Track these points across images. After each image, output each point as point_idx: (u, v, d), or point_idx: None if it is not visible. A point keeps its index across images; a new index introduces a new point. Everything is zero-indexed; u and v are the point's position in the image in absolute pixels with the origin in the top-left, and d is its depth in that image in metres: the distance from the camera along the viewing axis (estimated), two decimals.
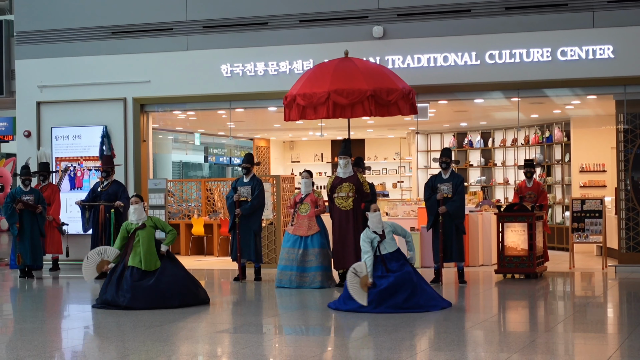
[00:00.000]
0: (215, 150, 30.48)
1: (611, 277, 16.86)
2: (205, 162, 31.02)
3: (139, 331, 11.28)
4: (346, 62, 16.90)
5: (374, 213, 13.07)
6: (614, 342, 10.48)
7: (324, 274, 15.55)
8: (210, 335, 11.18)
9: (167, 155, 29.92)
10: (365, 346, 10.12)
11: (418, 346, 9.95)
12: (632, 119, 17.73)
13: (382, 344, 10.14)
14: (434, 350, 9.72)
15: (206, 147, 29.88)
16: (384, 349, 9.86)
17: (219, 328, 11.76)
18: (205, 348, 10.42)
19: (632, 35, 17.39)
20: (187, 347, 10.40)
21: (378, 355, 9.54)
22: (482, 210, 19.79)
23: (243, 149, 31.35)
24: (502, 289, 15.56)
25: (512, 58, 17.97)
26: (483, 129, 26.66)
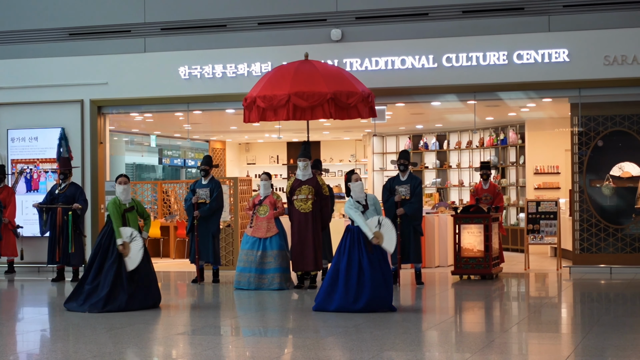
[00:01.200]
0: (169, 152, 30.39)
1: (565, 278, 17.06)
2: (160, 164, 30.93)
3: (99, 334, 11.26)
4: (307, 64, 16.96)
5: (356, 182, 13.05)
6: (570, 343, 10.61)
7: (283, 275, 15.60)
8: (169, 338, 11.18)
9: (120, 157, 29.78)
10: (325, 347, 10.17)
11: (377, 347, 10.01)
12: (586, 121, 17.96)
13: (342, 345, 10.21)
14: (393, 351, 9.79)
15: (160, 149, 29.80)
16: (344, 350, 9.93)
17: (178, 330, 11.75)
18: (164, 350, 10.41)
19: (587, 39, 17.60)
20: (148, 349, 10.40)
21: (337, 356, 9.60)
22: (438, 212, 19.94)
23: (198, 151, 31.31)
24: (458, 290, 15.70)
25: (468, 61, 18.12)
26: (438, 132, 26.84)
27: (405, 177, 16.16)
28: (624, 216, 17.87)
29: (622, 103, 17.87)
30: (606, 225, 17.83)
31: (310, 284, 15.76)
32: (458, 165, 26.38)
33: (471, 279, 16.88)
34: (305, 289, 15.60)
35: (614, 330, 11.15)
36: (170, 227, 22.07)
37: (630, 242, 17.73)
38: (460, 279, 16.91)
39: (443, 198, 25.48)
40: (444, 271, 18.32)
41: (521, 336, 11.15)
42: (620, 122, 17.85)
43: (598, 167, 17.97)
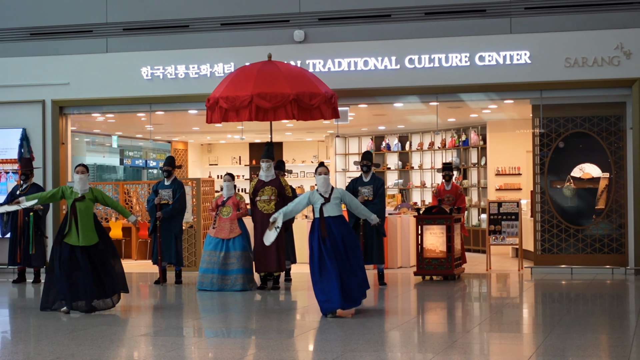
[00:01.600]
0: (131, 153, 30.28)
1: (527, 279, 17.18)
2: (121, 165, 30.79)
3: (61, 335, 11.20)
4: (269, 65, 16.96)
5: (319, 176, 12.96)
6: (531, 343, 10.67)
7: (246, 276, 15.60)
8: (132, 339, 11.14)
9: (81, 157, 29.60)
10: (288, 348, 10.18)
11: (340, 347, 10.04)
12: (548, 123, 18.09)
13: (305, 346, 10.22)
14: (356, 352, 9.81)
15: (122, 150, 29.68)
16: (307, 351, 9.94)
17: (141, 332, 11.72)
18: (127, 352, 10.37)
19: (548, 41, 17.74)
20: (111, 350, 10.35)
21: (301, 357, 9.61)
22: (400, 212, 20.01)
23: (160, 152, 31.20)
24: (421, 291, 15.76)
25: (431, 63, 18.20)
26: (401, 133, 26.92)
27: (368, 178, 16.20)
28: (584, 217, 18.02)
29: (582, 105, 18.02)
30: (567, 226, 17.97)
31: (274, 284, 15.75)
32: (420, 167, 26.48)
33: (433, 280, 16.95)
34: (268, 289, 15.60)
35: (575, 330, 11.24)
36: (132, 228, 21.99)
37: (591, 242, 17.88)
38: (422, 280, 16.98)
39: (405, 199, 25.58)
40: (407, 272, 18.38)
41: (483, 337, 11.21)
42: (581, 124, 17.99)
43: (559, 168, 18.11)
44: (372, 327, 11.58)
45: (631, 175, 17.52)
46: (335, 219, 12.72)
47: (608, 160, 17.86)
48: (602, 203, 17.93)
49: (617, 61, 17.47)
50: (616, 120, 17.86)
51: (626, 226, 17.67)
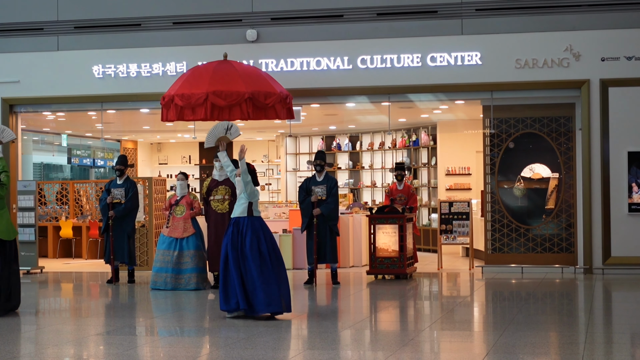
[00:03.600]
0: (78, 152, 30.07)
1: (478, 278, 17.34)
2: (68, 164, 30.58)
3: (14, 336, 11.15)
4: (225, 64, 16.98)
5: (238, 178, 12.99)
6: (483, 341, 10.77)
7: (199, 275, 15.60)
8: (85, 339, 11.09)
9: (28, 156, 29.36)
10: (243, 346, 10.21)
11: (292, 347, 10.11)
12: (498, 123, 18.27)
13: (258, 345, 10.25)
14: (310, 350, 9.87)
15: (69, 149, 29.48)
16: (261, 349, 9.97)
17: (94, 331, 11.66)
18: (79, 351, 10.32)
19: (499, 42, 17.92)
20: (63, 350, 10.31)
21: (255, 356, 9.64)
22: (352, 212, 20.10)
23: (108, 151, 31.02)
24: (373, 290, 15.85)
25: (383, 63, 18.31)
26: (351, 132, 27.02)
27: (322, 177, 16.26)
28: (534, 217, 18.23)
29: (532, 105, 18.23)
30: (517, 226, 18.16)
31: None
32: (371, 166, 26.60)
33: (386, 279, 17.05)
34: None
35: (526, 328, 11.38)
36: (83, 227, 21.87)
37: (541, 242, 18.08)
38: (375, 279, 17.07)
39: (357, 199, 25.68)
40: (359, 271, 18.47)
41: (436, 335, 11.31)
42: (531, 125, 18.20)
43: (509, 168, 18.31)
44: (327, 326, 11.63)
45: (580, 175, 17.75)
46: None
47: (558, 161, 18.08)
48: (552, 203, 18.15)
49: (567, 63, 17.70)
50: (566, 121, 18.09)
51: (575, 226, 17.90)
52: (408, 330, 11.79)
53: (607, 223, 17.51)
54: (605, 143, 17.55)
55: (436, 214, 19.70)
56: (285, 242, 18.73)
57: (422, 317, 13.07)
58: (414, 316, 13.34)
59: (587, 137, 17.61)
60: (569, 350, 9.85)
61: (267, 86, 16.66)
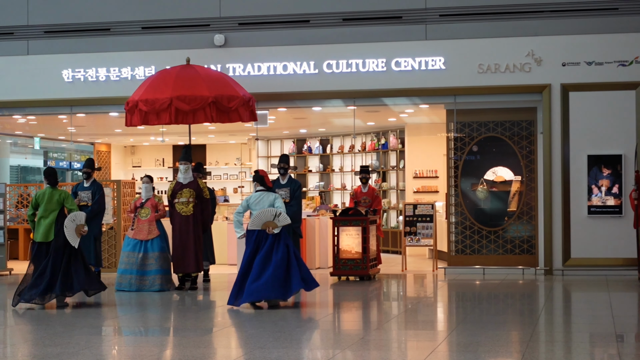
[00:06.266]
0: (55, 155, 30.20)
1: (441, 279, 17.60)
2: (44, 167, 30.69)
3: None
4: (189, 69, 17.18)
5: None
6: (443, 339, 10.99)
7: (164, 277, 15.80)
8: (49, 338, 11.20)
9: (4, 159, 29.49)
10: (201, 345, 10.40)
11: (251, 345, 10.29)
12: (461, 127, 18.55)
13: (218, 343, 10.46)
14: (265, 349, 10.06)
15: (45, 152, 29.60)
16: (219, 348, 10.18)
17: (58, 330, 11.81)
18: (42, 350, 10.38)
19: (462, 48, 18.21)
20: (25, 349, 10.46)
21: (212, 354, 9.85)
22: (319, 214, 20.34)
23: (83, 154, 31.16)
24: (336, 291, 16.07)
25: (349, 68, 18.56)
26: (322, 136, 27.26)
27: (285, 180, 16.51)
28: (497, 219, 18.52)
29: (495, 110, 18.51)
30: (480, 228, 18.44)
31: (191, 285, 15.96)
32: (341, 169, 26.83)
33: (349, 280, 17.29)
34: (186, 290, 15.82)
35: (487, 327, 11.64)
36: None
37: (503, 244, 18.37)
38: (339, 280, 17.31)
39: (324, 201, 25.92)
40: (324, 272, 18.68)
41: (395, 333, 11.53)
42: (494, 128, 18.48)
43: (473, 171, 18.60)
44: (284, 326, 11.85)
45: (541, 178, 18.04)
46: None
47: (519, 164, 18.38)
48: (514, 205, 18.44)
49: (528, 68, 18.00)
50: (527, 125, 18.38)
51: (536, 228, 18.19)
52: (365, 328, 12.01)
53: (567, 225, 17.81)
54: (565, 146, 17.86)
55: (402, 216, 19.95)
56: None
57: (381, 316, 13.30)
58: (373, 315, 13.57)
59: (548, 140, 17.90)
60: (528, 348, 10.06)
61: (230, 90, 16.89)
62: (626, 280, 16.83)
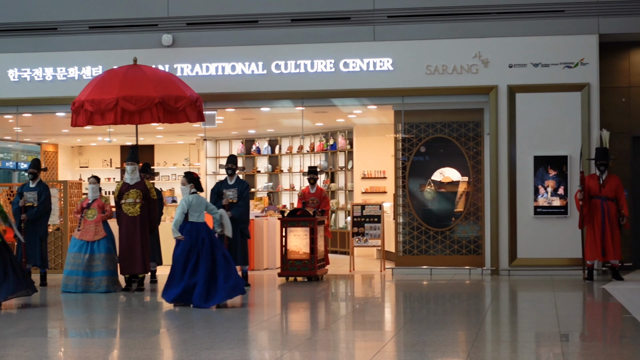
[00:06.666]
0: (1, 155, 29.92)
1: (388, 279, 17.67)
2: None
3: None
4: (135, 69, 17.10)
5: (183, 186, 13.96)
6: (390, 339, 11.03)
7: (110, 278, 15.72)
8: None
9: None
10: (146, 347, 10.36)
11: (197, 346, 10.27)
12: (409, 128, 18.64)
13: (163, 345, 10.44)
14: (211, 350, 10.06)
15: None
16: (165, 349, 10.16)
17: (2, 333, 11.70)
18: None
19: (410, 49, 18.29)
20: None
21: (157, 356, 9.82)
22: (267, 215, 20.34)
23: (30, 154, 30.89)
24: (284, 291, 16.09)
25: (297, 68, 18.58)
26: (270, 136, 27.25)
27: (233, 181, 16.51)
28: (444, 219, 18.62)
29: (442, 111, 18.61)
30: (427, 228, 18.54)
31: (138, 286, 15.90)
32: (289, 170, 26.84)
33: (297, 281, 17.31)
34: (132, 291, 15.75)
35: (433, 327, 11.70)
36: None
37: (450, 244, 18.48)
38: (286, 281, 17.32)
39: (272, 202, 25.92)
40: (273, 273, 18.70)
41: (343, 334, 11.56)
42: (441, 129, 18.59)
43: (420, 172, 18.69)
44: (230, 327, 11.85)
45: (488, 179, 18.17)
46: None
47: (467, 165, 18.50)
48: (461, 206, 18.56)
49: (476, 69, 18.12)
50: (474, 126, 18.50)
51: (483, 228, 18.32)
52: (312, 329, 12.03)
53: (514, 226, 17.95)
54: (512, 147, 18.00)
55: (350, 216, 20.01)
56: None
57: (330, 317, 13.34)
58: (322, 316, 13.59)
59: (495, 141, 18.03)
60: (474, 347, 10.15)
61: (177, 90, 16.84)
62: (571, 280, 17.00)
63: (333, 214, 24.26)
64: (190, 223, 13.78)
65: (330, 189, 24.80)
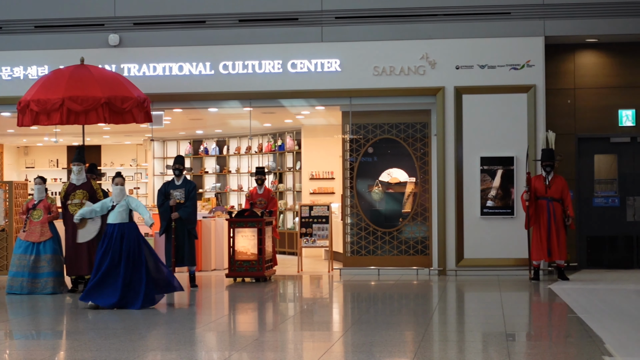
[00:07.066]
0: None
1: (336, 280, 17.70)
2: None
3: None
4: (82, 69, 16.98)
5: (116, 186, 13.78)
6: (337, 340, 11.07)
7: (56, 279, 15.61)
8: None
9: None
10: (92, 348, 10.29)
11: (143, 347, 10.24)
12: (357, 129, 18.69)
13: (109, 346, 10.37)
14: (158, 351, 10.04)
15: None
16: (110, 351, 10.09)
17: None
18: None
19: (357, 50, 18.33)
20: None
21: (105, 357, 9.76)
22: (215, 216, 20.29)
23: None
24: (232, 292, 16.07)
25: (245, 69, 18.55)
26: (218, 137, 27.20)
27: (180, 181, 16.47)
28: (392, 220, 18.68)
29: (390, 112, 18.66)
30: (375, 229, 18.59)
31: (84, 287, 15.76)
32: (237, 171, 26.81)
33: (245, 282, 17.29)
34: (79, 292, 15.63)
35: (381, 327, 11.74)
36: None
37: (398, 245, 18.55)
38: (234, 282, 17.30)
39: (220, 202, 25.87)
40: (220, 274, 18.66)
41: (291, 334, 11.58)
42: (389, 130, 18.65)
43: (368, 173, 18.74)
44: (177, 327, 11.82)
45: (435, 180, 18.26)
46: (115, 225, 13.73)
47: (414, 166, 18.57)
48: (409, 207, 18.63)
49: (423, 70, 18.21)
50: (422, 127, 18.59)
51: (430, 229, 18.41)
52: (259, 330, 12.03)
53: (461, 226, 18.06)
54: (459, 148, 18.10)
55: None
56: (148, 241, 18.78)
57: (278, 318, 13.34)
58: (270, 317, 13.60)
59: (442, 142, 18.12)
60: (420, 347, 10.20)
61: (124, 90, 16.74)
62: (517, 280, 17.13)
63: (281, 214, 24.26)
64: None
65: (278, 190, 24.80)
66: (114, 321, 12.31)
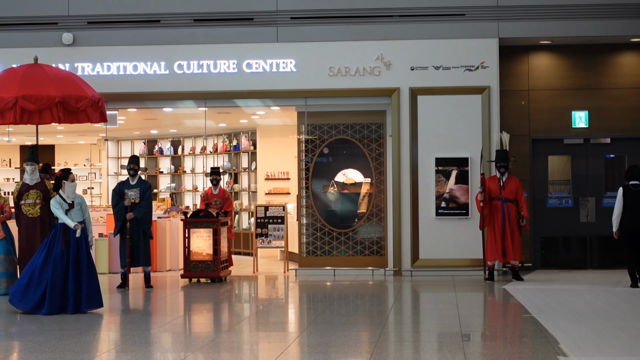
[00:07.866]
0: None
1: (292, 280, 17.70)
2: None
3: None
4: (36, 68, 16.82)
5: (71, 183, 13.61)
6: (293, 340, 11.08)
7: (10, 280, 15.45)
8: None
9: None
10: (45, 350, 10.22)
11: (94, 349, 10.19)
12: (312, 129, 18.69)
13: (63, 347, 10.30)
14: (112, 352, 9.99)
15: None
16: (64, 352, 10.02)
17: None
18: None
19: (313, 50, 18.34)
20: None
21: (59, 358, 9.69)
22: (170, 216, 20.22)
23: None
24: (187, 293, 16.02)
25: (200, 69, 18.50)
26: (173, 137, 27.10)
27: (135, 181, 16.39)
28: (347, 221, 18.71)
29: (346, 112, 18.69)
30: (330, 229, 18.60)
31: None
32: (192, 171, 26.71)
33: (200, 282, 17.24)
34: None
35: (337, 327, 11.76)
36: None
37: (353, 245, 18.58)
38: (189, 282, 17.24)
39: (175, 203, 25.78)
40: (176, 275, 18.61)
41: (247, 335, 11.58)
42: (344, 131, 18.68)
43: (324, 173, 18.76)
44: (133, 328, 11.76)
45: (390, 180, 18.30)
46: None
47: (370, 166, 18.62)
48: (364, 207, 18.67)
49: (378, 71, 18.25)
50: (377, 128, 18.63)
51: (386, 229, 18.45)
52: (218, 330, 12.00)
53: (416, 227, 18.11)
54: (414, 149, 18.16)
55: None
56: (101, 246, 18.71)
57: (233, 319, 13.32)
58: (225, 318, 13.58)
59: (397, 143, 18.17)
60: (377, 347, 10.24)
61: (78, 90, 16.60)
62: (472, 281, 17.22)
63: (236, 215, 24.21)
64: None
65: (234, 190, 24.75)
66: (68, 322, 12.22)
